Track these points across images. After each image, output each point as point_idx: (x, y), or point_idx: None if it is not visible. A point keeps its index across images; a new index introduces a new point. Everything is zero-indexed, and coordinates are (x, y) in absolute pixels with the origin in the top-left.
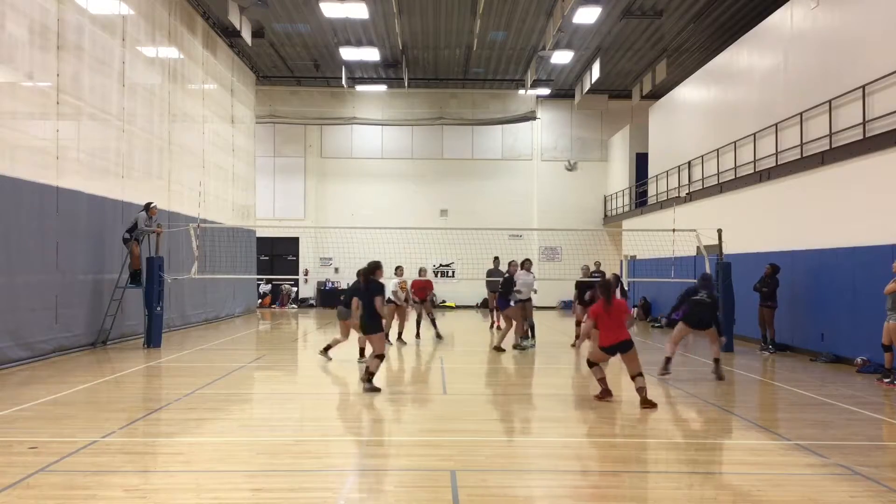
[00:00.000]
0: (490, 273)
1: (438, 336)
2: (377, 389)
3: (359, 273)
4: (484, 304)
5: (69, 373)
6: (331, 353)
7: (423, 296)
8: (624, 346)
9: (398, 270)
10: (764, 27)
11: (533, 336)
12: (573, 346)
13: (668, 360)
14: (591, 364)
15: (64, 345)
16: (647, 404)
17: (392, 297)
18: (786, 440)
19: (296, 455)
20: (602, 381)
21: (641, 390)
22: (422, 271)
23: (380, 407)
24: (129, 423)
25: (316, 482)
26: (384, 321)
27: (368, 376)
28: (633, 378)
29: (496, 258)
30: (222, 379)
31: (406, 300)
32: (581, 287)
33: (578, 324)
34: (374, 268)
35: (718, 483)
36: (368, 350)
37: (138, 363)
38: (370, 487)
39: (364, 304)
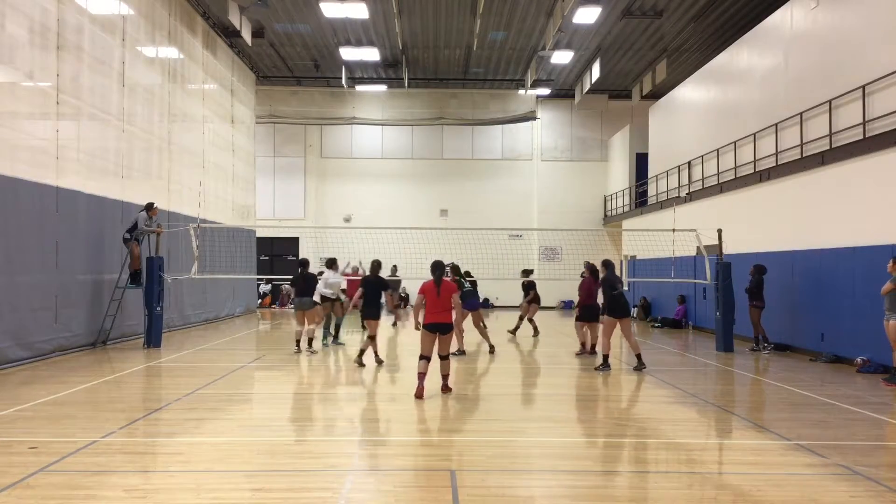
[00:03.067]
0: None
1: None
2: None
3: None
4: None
5: (69, 373)
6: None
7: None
8: (444, 329)
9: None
10: (764, 27)
11: (337, 336)
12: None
13: (605, 357)
14: (421, 357)
15: (64, 345)
16: (446, 390)
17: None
18: (786, 440)
19: (296, 455)
20: (422, 376)
21: (446, 377)
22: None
23: (380, 407)
24: (129, 423)
25: (316, 482)
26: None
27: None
28: (441, 358)
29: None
30: (222, 379)
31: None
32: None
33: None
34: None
35: (718, 483)
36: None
37: (138, 363)
38: (370, 487)
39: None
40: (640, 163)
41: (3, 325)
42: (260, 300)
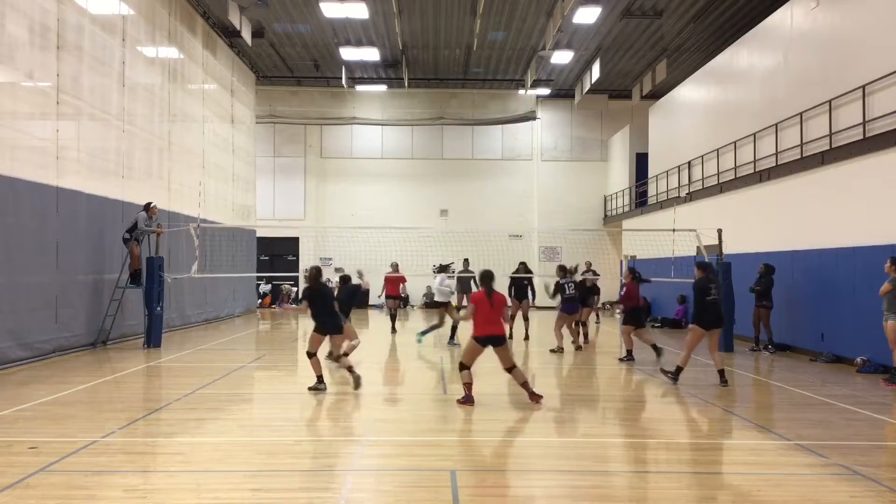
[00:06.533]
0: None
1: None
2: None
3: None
4: None
5: (69, 373)
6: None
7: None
8: (498, 340)
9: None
10: (764, 27)
11: (453, 336)
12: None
13: (679, 369)
14: (462, 367)
15: (64, 345)
16: (535, 398)
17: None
18: (786, 440)
19: (296, 455)
20: (468, 385)
21: (525, 385)
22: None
23: (380, 407)
24: (129, 423)
25: (316, 482)
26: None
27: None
28: (509, 372)
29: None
30: (222, 379)
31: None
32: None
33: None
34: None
35: (718, 483)
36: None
37: (138, 363)
38: (370, 487)
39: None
40: (640, 163)
41: (3, 325)
42: (260, 300)
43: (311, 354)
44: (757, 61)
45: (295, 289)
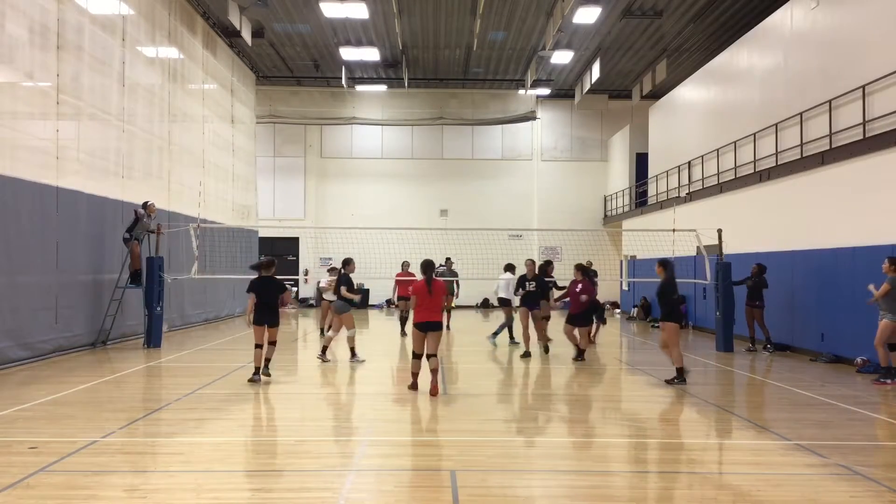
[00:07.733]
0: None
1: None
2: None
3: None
4: (485, 305)
5: (69, 373)
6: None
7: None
8: (435, 326)
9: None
10: (764, 27)
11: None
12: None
13: (680, 370)
14: (414, 356)
15: (64, 345)
16: (434, 391)
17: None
18: (786, 440)
19: (296, 455)
20: (415, 375)
21: (435, 372)
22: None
23: (380, 407)
24: (129, 423)
25: (316, 482)
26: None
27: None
28: (428, 358)
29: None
30: (222, 379)
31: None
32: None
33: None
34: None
35: (718, 483)
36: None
37: (138, 363)
38: (370, 487)
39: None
40: (640, 163)
41: (3, 325)
42: None
43: (258, 346)
44: (757, 61)
45: (295, 289)
